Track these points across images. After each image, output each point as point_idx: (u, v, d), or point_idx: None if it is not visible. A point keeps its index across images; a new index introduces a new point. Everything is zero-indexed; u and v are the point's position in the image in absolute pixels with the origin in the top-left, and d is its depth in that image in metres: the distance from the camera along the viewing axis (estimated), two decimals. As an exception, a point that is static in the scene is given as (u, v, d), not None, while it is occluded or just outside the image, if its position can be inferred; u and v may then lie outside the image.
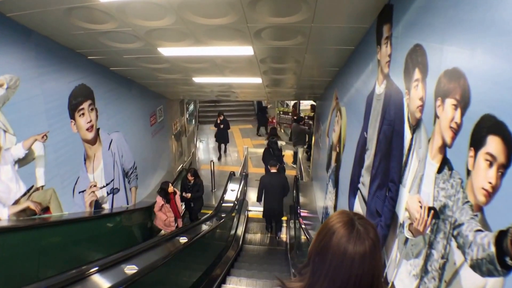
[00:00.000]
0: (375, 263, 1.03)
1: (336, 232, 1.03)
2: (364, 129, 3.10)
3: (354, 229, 1.02)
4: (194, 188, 7.02)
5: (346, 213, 1.09)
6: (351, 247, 1.00)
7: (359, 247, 1.00)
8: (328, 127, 5.61)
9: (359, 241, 1.00)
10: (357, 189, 3.22)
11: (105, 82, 5.25)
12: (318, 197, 6.84)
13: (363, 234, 1.01)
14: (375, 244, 1.02)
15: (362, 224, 1.04)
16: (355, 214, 1.09)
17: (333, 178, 4.70)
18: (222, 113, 11.03)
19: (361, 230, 1.02)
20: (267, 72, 4.98)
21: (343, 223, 1.04)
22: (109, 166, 5.59)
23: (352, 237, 1.01)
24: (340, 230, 1.03)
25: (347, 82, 4.06)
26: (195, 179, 7.02)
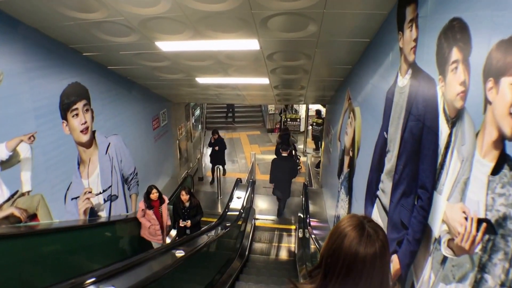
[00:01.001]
0: (385, 263, 1.08)
1: (348, 235, 1.08)
2: (384, 129, 2.71)
3: (365, 232, 1.07)
4: (191, 212, 5.54)
5: (356, 216, 1.15)
6: (362, 248, 1.04)
7: (370, 249, 1.04)
8: (339, 130, 5.22)
9: (370, 243, 1.05)
10: (376, 196, 2.82)
11: (103, 81, 4.98)
12: (328, 205, 6.42)
13: (373, 236, 1.06)
14: (385, 245, 1.07)
15: (372, 227, 1.09)
16: (364, 217, 1.14)
17: (346, 184, 4.30)
18: (216, 131, 9.27)
19: (371, 232, 1.07)
20: (274, 72, 4.64)
21: (354, 226, 1.09)
22: (107, 172, 5.28)
23: (363, 239, 1.05)
24: (351, 233, 1.08)
25: (362, 79, 3.68)
26: (191, 199, 5.51)
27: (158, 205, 5.35)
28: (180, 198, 5.49)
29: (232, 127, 16.60)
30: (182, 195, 5.44)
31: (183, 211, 5.59)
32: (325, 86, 5.66)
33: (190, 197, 5.55)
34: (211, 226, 5.78)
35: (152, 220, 5.34)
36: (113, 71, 5.15)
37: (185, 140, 9.79)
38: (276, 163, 7.67)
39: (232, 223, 6.10)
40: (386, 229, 2.52)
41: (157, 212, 5.35)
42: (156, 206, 5.34)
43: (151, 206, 5.28)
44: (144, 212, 5.32)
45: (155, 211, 5.33)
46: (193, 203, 5.57)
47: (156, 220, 5.35)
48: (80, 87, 4.47)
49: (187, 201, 5.52)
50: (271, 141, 14.71)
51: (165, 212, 5.47)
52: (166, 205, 5.46)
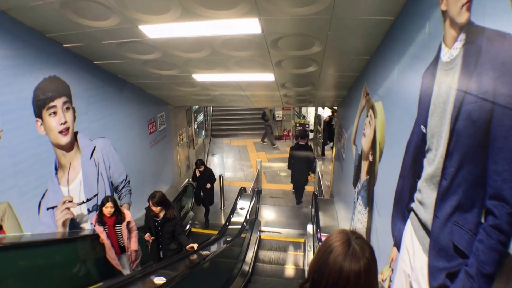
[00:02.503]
0: (370, 281, 1.07)
1: (334, 251, 1.08)
2: (420, 122, 2.08)
3: (350, 248, 1.07)
4: (166, 228, 4.14)
5: (344, 232, 1.14)
6: (346, 265, 1.05)
7: (354, 266, 1.04)
8: (354, 133, 4.59)
9: (355, 259, 1.05)
10: (409, 210, 2.17)
11: (88, 78, 4.46)
12: (341, 217, 5.74)
13: (359, 253, 1.07)
14: (370, 263, 1.07)
15: (359, 244, 1.09)
16: (353, 233, 1.14)
17: (364, 194, 3.64)
18: (202, 163, 6.96)
19: (357, 250, 1.07)
20: (280, 65, 4.05)
21: (341, 242, 1.10)
22: (91, 178, 4.72)
23: (348, 256, 1.06)
24: (337, 249, 1.08)
25: (384, 68, 3.07)
26: (166, 210, 4.12)
27: (112, 223, 4.12)
28: (151, 209, 4.11)
29: (238, 134, 16.07)
30: (152, 205, 4.04)
31: (155, 227, 4.26)
32: (338, 83, 5.04)
33: (165, 208, 4.16)
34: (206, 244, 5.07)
35: (105, 241, 4.14)
36: (101, 67, 4.64)
37: (187, 147, 9.24)
38: (294, 150, 8.09)
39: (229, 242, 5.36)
40: (428, 253, 1.88)
41: (111, 232, 4.14)
42: (110, 224, 4.11)
43: (103, 223, 4.10)
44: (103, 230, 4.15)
45: (110, 230, 4.13)
46: (169, 216, 4.15)
47: (109, 242, 4.15)
48: (60, 82, 3.96)
49: (159, 213, 4.16)
50: (279, 148, 14.11)
51: (125, 234, 4.20)
52: (125, 226, 4.19)
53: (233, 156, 13.22)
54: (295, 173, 8.19)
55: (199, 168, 6.85)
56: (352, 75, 4.44)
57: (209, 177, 7.05)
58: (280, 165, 11.99)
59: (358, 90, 4.45)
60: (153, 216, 4.23)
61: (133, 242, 4.32)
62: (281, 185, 10.19)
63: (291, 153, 8.09)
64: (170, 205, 4.26)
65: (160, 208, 4.12)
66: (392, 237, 2.50)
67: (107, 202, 4.05)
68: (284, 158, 12.81)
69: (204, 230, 7.68)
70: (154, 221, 4.24)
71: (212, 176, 7.12)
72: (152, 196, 4.08)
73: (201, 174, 6.91)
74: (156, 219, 4.21)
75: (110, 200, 4.07)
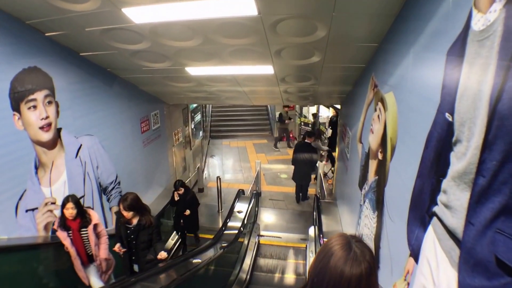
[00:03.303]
0: (371, 285, 1.07)
1: (334, 254, 1.08)
2: (445, 109, 1.75)
3: (351, 252, 1.07)
4: (141, 236, 3.63)
5: (344, 235, 1.14)
6: (347, 269, 1.04)
7: (356, 270, 1.04)
8: (360, 130, 4.25)
9: (356, 263, 1.05)
10: (431, 215, 1.83)
11: (73, 70, 4.15)
12: (345, 222, 5.39)
13: (360, 257, 1.06)
14: (371, 267, 1.07)
15: (359, 247, 1.09)
16: (353, 236, 1.14)
17: (372, 197, 3.30)
18: (183, 185, 5.70)
19: (357, 253, 1.07)
20: (279, 55, 3.72)
21: (341, 246, 1.09)
22: (77, 179, 4.40)
23: (349, 260, 1.05)
24: (338, 253, 1.08)
25: (396, 53, 2.74)
26: (140, 216, 3.62)
27: (77, 226, 3.53)
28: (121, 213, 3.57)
29: (237, 136, 15.75)
30: (122, 209, 3.50)
31: (127, 234, 3.64)
32: (342, 77, 4.69)
33: (138, 214, 3.59)
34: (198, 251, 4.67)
35: (72, 248, 3.56)
36: (88, 60, 4.33)
37: (183, 148, 8.90)
38: (297, 147, 8.22)
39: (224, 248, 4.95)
40: (458, 268, 1.54)
41: (77, 238, 3.56)
42: (74, 228, 3.53)
43: (67, 227, 3.52)
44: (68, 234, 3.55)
45: (74, 236, 3.53)
46: (144, 223, 3.59)
47: (74, 250, 3.55)
48: (41, 74, 3.64)
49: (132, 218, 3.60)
50: (279, 150, 13.76)
51: (92, 239, 3.60)
52: (93, 228, 3.63)
53: (232, 158, 12.88)
54: (297, 172, 8.19)
55: (178, 190, 5.61)
56: (357, 67, 4.10)
57: (191, 201, 5.76)
58: (281, 167, 11.64)
59: (364, 84, 4.12)
60: (124, 223, 3.65)
61: (102, 249, 3.72)
62: (281, 188, 9.84)
63: (295, 149, 8.21)
64: (145, 210, 3.68)
65: (133, 213, 3.56)
66: (408, 246, 2.16)
67: (67, 202, 3.45)
68: (284, 160, 12.46)
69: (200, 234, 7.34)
70: (126, 229, 3.63)
71: (194, 201, 5.84)
72: (123, 199, 3.54)
73: (180, 197, 5.66)
74: (128, 226, 3.62)
75: (71, 200, 3.47)
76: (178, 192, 5.61)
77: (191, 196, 5.77)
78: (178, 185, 5.60)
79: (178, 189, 5.59)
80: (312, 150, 7.99)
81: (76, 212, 3.48)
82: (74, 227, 3.53)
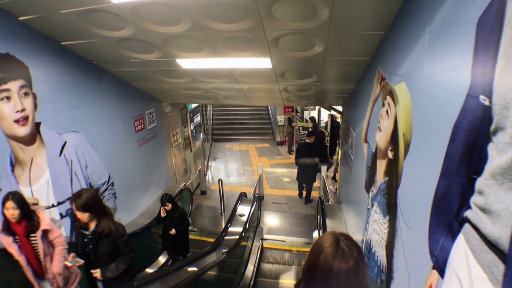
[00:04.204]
0: (359, 279, 1.17)
1: (323, 251, 1.19)
2: (478, 91, 1.43)
3: (339, 249, 1.18)
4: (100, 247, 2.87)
5: (334, 233, 1.25)
6: (336, 264, 1.15)
7: (343, 265, 1.15)
8: (366, 129, 3.93)
9: (343, 259, 1.16)
10: (461, 221, 1.51)
11: (54, 61, 3.87)
12: (351, 226, 5.06)
13: (347, 253, 1.17)
14: (358, 262, 1.17)
15: (347, 244, 1.20)
16: (342, 234, 1.24)
17: (382, 200, 2.97)
18: (170, 200, 4.97)
19: (345, 250, 1.18)
20: (277, 45, 3.39)
21: (330, 243, 1.20)
22: (63, 178, 4.11)
23: (337, 256, 1.16)
24: (327, 249, 1.19)
25: (407, 38, 2.43)
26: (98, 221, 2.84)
27: (23, 231, 2.90)
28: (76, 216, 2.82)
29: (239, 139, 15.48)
30: (79, 213, 2.74)
31: (84, 243, 2.88)
32: (345, 73, 4.37)
33: (96, 217, 2.80)
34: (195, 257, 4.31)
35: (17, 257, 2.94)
36: (71, 51, 4.05)
37: (183, 149, 8.61)
38: (300, 147, 8.45)
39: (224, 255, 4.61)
40: (501, 286, 1.21)
41: (25, 245, 2.94)
42: (20, 233, 2.90)
43: (12, 232, 2.89)
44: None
45: (22, 242, 2.92)
46: (101, 230, 2.80)
47: (23, 259, 2.95)
48: (15, 62, 3.35)
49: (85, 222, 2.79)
50: (281, 154, 13.51)
51: (41, 248, 2.96)
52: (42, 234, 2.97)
53: (235, 161, 12.64)
54: (300, 172, 8.31)
55: (165, 205, 4.89)
56: (362, 61, 3.78)
57: (178, 220, 4.97)
58: (283, 171, 11.37)
59: (368, 81, 3.81)
60: (80, 228, 2.84)
61: (56, 261, 3.00)
62: (284, 191, 9.55)
63: (298, 149, 8.40)
64: (105, 213, 2.85)
65: (89, 216, 2.75)
66: (430, 257, 1.83)
67: (7, 200, 2.77)
68: (286, 163, 12.19)
69: (202, 237, 7.04)
70: (83, 236, 2.84)
71: (182, 220, 5.05)
72: (75, 196, 2.73)
73: (167, 214, 4.95)
74: (85, 233, 2.84)
75: (11, 198, 2.78)
76: (165, 208, 4.92)
77: (179, 215, 5.00)
78: (164, 200, 4.89)
79: (164, 204, 4.89)
80: (313, 149, 8.04)
81: (19, 213, 2.80)
82: (19, 232, 2.89)
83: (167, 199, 4.90)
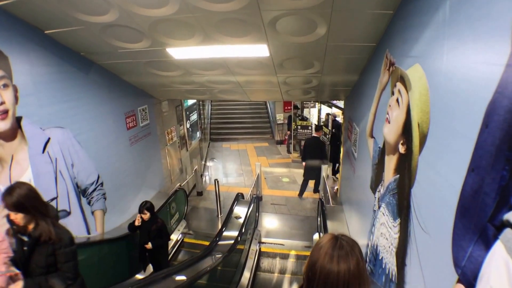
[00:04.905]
0: (359, 275, 1.17)
1: (323, 250, 1.20)
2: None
3: (339, 246, 1.19)
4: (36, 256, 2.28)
5: (333, 234, 1.26)
6: (335, 262, 1.16)
7: (343, 263, 1.15)
8: (371, 122, 3.62)
9: (343, 257, 1.16)
10: (499, 226, 1.20)
11: (37, 50, 3.58)
12: (354, 229, 4.75)
13: (348, 252, 1.18)
14: (358, 260, 1.18)
15: (347, 241, 1.21)
16: (342, 234, 1.26)
17: (391, 200, 2.66)
18: (150, 209, 4.35)
19: (345, 247, 1.19)
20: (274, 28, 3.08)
21: (330, 242, 1.21)
22: (46, 178, 3.83)
23: (335, 255, 1.17)
24: (327, 250, 1.19)
25: (422, 13, 2.13)
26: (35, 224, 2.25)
27: None
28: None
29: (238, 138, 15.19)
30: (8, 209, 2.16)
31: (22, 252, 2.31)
32: (349, 61, 4.03)
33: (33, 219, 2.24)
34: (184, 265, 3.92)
35: None
36: (56, 41, 3.76)
37: (178, 148, 8.31)
38: (308, 142, 8.58)
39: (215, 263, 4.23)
40: None
41: None
42: None
43: None
44: None
45: None
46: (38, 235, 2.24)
47: None
48: (-9, 50, 3.06)
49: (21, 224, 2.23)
50: (280, 153, 13.19)
51: None
52: None
53: (233, 161, 12.34)
54: (308, 167, 8.31)
55: (143, 213, 4.27)
56: (367, 47, 3.48)
57: (156, 233, 4.35)
58: (282, 170, 11.06)
59: (374, 69, 3.51)
60: (18, 231, 2.29)
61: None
62: (283, 192, 9.25)
63: (306, 143, 8.56)
64: (44, 215, 2.27)
65: (24, 217, 2.19)
66: (454, 268, 1.52)
67: None
68: (286, 163, 11.87)
69: (198, 240, 6.72)
70: (21, 242, 2.30)
71: (161, 234, 4.41)
72: (7, 191, 2.15)
73: (144, 224, 4.33)
74: (22, 237, 2.30)
75: None
76: (142, 216, 4.28)
77: (158, 228, 4.35)
78: (143, 207, 4.28)
79: (142, 212, 4.27)
80: (321, 143, 8.24)
81: None
82: None
83: (146, 207, 4.30)
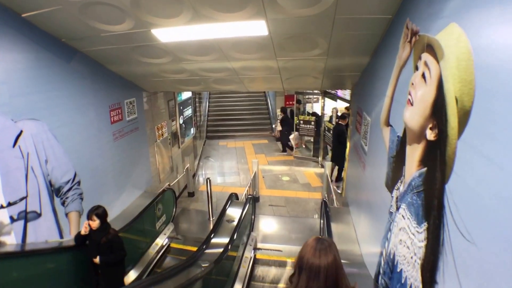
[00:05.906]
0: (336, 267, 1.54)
1: (309, 247, 1.59)
2: None
3: (319, 245, 1.58)
4: None
5: (317, 236, 1.67)
6: (317, 256, 1.53)
7: (324, 259, 1.53)
8: (387, 108, 3.12)
9: (325, 255, 1.54)
10: None
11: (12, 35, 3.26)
12: (363, 234, 4.25)
13: (328, 249, 1.56)
14: (335, 255, 1.56)
15: (327, 241, 1.61)
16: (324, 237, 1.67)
17: (415, 200, 2.16)
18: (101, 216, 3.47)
19: (326, 244, 1.58)
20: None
21: (315, 241, 1.61)
22: (16, 175, 3.41)
23: (317, 251, 1.55)
24: (311, 244, 1.60)
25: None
26: None
27: None
28: None
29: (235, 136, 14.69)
30: None
31: None
32: (360, 39, 3.43)
33: None
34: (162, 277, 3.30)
35: None
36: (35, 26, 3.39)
37: (169, 145, 7.80)
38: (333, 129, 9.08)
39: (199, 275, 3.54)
40: None
41: None
42: None
43: None
44: None
45: None
46: None
47: None
48: None
49: None
50: (280, 150, 12.65)
51: None
52: None
53: (229, 159, 11.84)
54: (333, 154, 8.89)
55: (91, 219, 3.44)
56: (381, 20, 2.96)
57: (106, 247, 3.48)
58: (282, 168, 10.52)
59: (390, 47, 3.02)
60: None
61: None
62: (283, 191, 8.73)
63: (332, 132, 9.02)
64: None
65: None
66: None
67: None
68: (286, 160, 11.32)
69: (186, 246, 6.18)
70: None
71: (112, 248, 3.51)
72: None
73: (91, 233, 3.51)
74: None
75: None
76: (90, 223, 3.45)
77: (108, 240, 3.48)
78: (91, 212, 3.45)
79: (90, 218, 3.44)
80: (340, 131, 8.36)
81: None
82: None
83: (96, 213, 3.45)
